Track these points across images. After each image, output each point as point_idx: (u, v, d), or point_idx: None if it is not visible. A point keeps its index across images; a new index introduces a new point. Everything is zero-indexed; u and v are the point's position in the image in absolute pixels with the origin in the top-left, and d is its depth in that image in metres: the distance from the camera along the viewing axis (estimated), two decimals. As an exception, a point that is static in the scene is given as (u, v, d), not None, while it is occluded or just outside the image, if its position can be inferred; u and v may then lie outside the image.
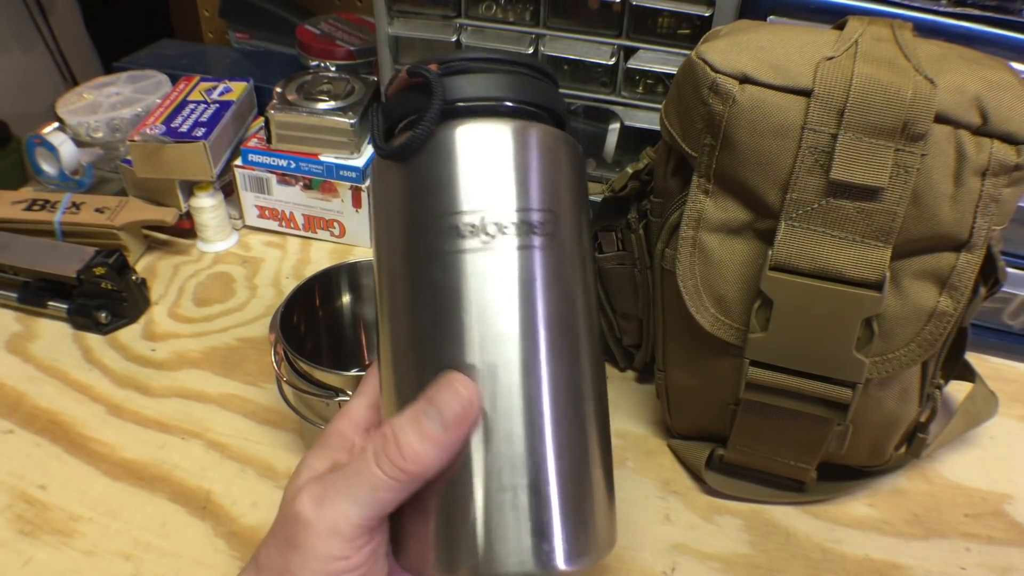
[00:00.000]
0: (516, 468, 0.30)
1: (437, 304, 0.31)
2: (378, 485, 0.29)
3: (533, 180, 0.32)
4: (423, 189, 0.32)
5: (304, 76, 0.76)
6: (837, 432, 0.46)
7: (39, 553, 0.47)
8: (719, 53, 0.41)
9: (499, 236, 0.31)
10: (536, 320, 0.31)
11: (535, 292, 0.31)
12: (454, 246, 0.31)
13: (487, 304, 0.31)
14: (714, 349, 0.46)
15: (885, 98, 0.38)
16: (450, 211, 0.31)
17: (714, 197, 0.44)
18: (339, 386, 0.47)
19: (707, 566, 0.48)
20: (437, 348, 0.31)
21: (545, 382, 0.31)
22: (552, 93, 0.36)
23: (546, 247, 0.32)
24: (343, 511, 0.29)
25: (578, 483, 0.32)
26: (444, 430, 0.29)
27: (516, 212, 0.32)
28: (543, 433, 0.31)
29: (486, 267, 0.31)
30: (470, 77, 0.33)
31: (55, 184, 0.78)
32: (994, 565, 0.48)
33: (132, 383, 0.60)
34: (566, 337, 0.32)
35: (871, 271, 0.40)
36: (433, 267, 0.31)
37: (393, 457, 0.29)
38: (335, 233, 0.76)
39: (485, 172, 0.32)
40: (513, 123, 0.33)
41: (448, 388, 0.30)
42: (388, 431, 0.30)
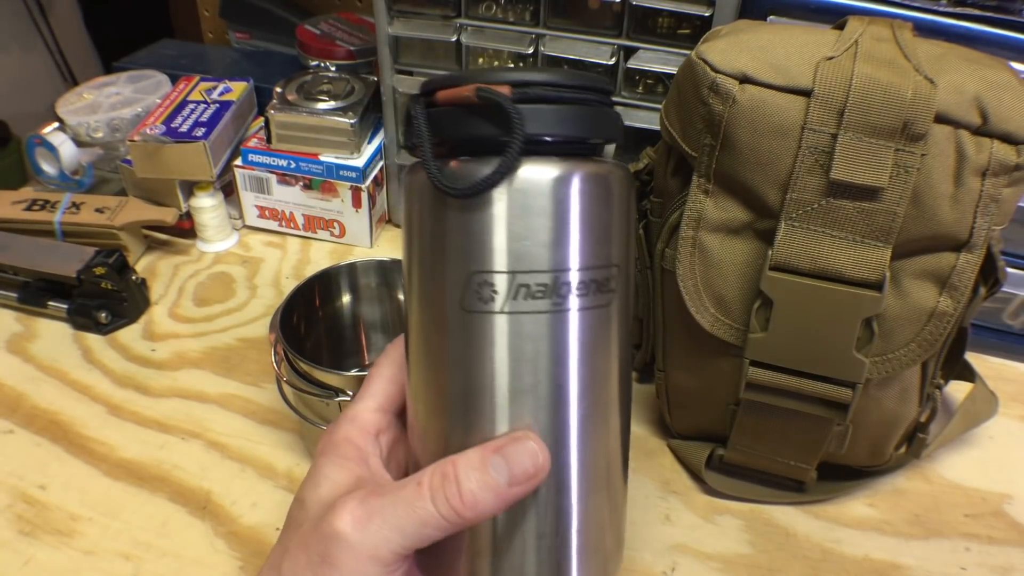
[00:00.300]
0: (542, 519, 0.31)
1: (501, 361, 0.30)
2: (428, 521, 0.29)
3: (609, 232, 0.30)
4: (488, 235, 0.29)
5: (304, 76, 0.76)
6: (837, 432, 0.46)
7: (39, 553, 0.47)
8: (719, 53, 0.41)
9: (570, 297, 0.30)
10: (598, 382, 0.31)
11: (599, 354, 0.31)
12: (522, 307, 0.29)
13: (552, 368, 0.30)
14: (714, 349, 0.46)
15: (885, 98, 0.38)
16: (521, 268, 0.29)
17: (714, 197, 0.44)
18: (339, 386, 0.47)
19: (707, 566, 0.48)
20: (497, 406, 0.30)
21: (603, 437, 0.32)
22: (615, 120, 0.33)
23: (611, 304, 0.31)
24: (386, 538, 0.29)
25: (597, 537, 0.33)
26: (509, 485, 0.29)
27: (589, 270, 0.30)
28: (569, 493, 0.32)
29: (554, 330, 0.30)
30: (555, 109, 0.30)
31: (55, 184, 0.78)
32: (994, 565, 0.48)
33: (132, 383, 0.60)
34: (623, 390, 0.33)
35: (871, 271, 0.40)
36: (495, 324, 0.29)
37: (452, 499, 0.29)
38: (335, 233, 0.76)
39: (562, 225, 0.29)
40: (592, 166, 0.30)
41: (523, 446, 0.30)
42: (450, 471, 0.30)
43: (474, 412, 0.31)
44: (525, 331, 0.29)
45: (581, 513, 0.32)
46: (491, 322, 0.29)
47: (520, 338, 0.30)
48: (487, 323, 0.30)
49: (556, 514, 0.31)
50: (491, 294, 0.29)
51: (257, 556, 0.47)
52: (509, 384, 0.30)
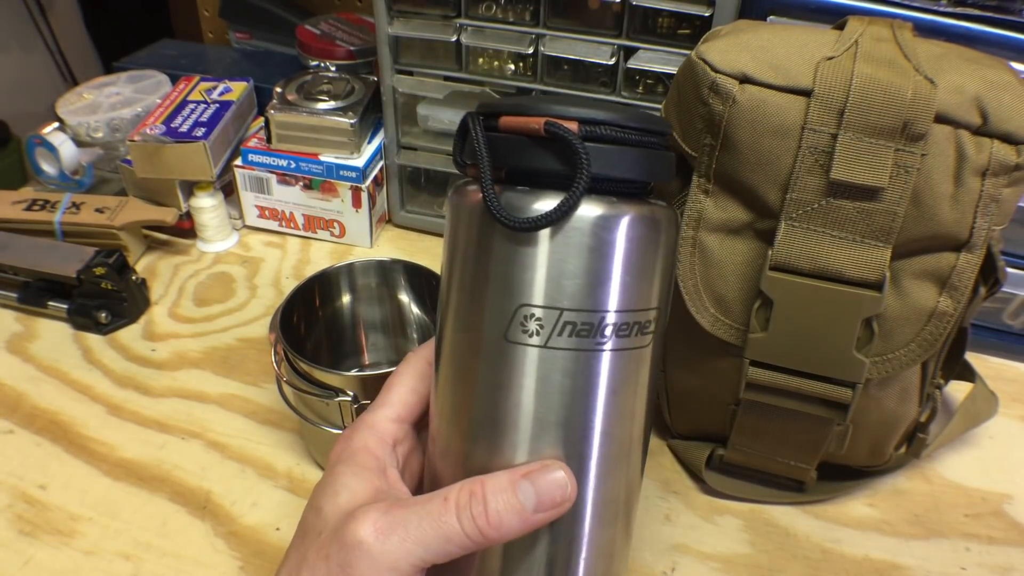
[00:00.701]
0: (554, 546, 0.32)
1: (540, 396, 0.30)
2: (452, 538, 0.29)
3: (654, 277, 0.31)
4: (544, 272, 0.29)
5: (304, 76, 0.76)
6: (837, 432, 0.46)
7: (39, 553, 0.47)
8: (719, 53, 0.41)
9: (612, 339, 0.30)
10: (627, 423, 0.32)
11: (633, 394, 0.32)
12: (563, 343, 0.30)
13: (587, 406, 0.31)
14: (714, 349, 0.46)
15: (885, 98, 0.38)
16: (567, 306, 0.29)
17: (714, 197, 0.44)
18: (339, 386, 0.47)
19: (707, 566, 0.48)
20: (531, 439, 0.31)
21: (626, 488, 0.33)
22: (672, 163, 0.33)
23: (649, 345, 0.31)
24: (408, 551, 0.29)
25: (605, 568, 0.33)
26: (535, 511, 0.30)
27: (631, 312, 0.30)
28: (583, 524, 0.32)
29: (590, 370, 0.30)
30: (620, 151, 0.30)
31: (55, 184, 0.78)
32: (994, 565, 0.48)
33: (132, 383, 0.60)
34: (647, 431, 0.34)
35: (871, 271, 0.40)
36: (538, 359, 0.30)
37: (478, 518, 0.29)
38: (335, 233, 0.76)
39: (609, 267, 0.29)
40: (646, 208, 0.30)
41: (553, 475, 0.30)
42: (479, 490, 0.30)
43: (501, 437, 0.31)
44: (563, 366, 0.30)
45: (592, 543, 0.32)
46: (532, 355, 0.30)
47: (557, 372, 0.30)
48: (527, 355, 0.30)
49: (568, 542, 0.32)
50: (536, 328, 0.30)
51: (257, 556, 0.47)
52: (539, 415, 0.31)
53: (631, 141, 0.30)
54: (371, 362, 0.61)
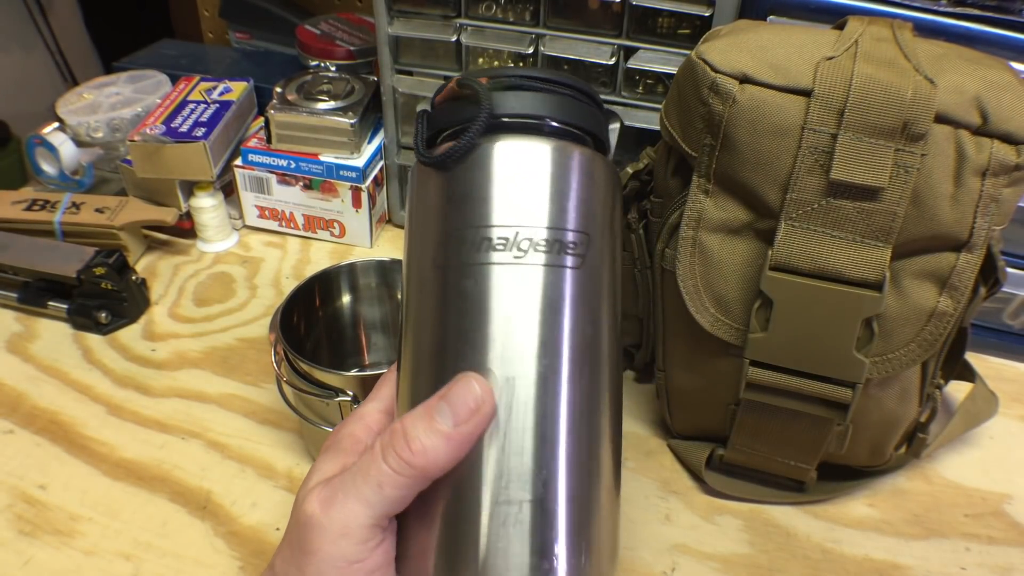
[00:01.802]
0: (524, 483, 0.30)
1: (463, 313, 0.31)
2: (384, 481, 0.29)
3: (570, 200, 0.33)
4: (460, 199, 0.32)
5: (304, 76, 0.76)
6: (837, 432, 0.46)
7: (39, 553, 0.47)
8: (719, 53, 0.41)
9: (531, 252, 0.31)
10: (559, 339, 0.31)
11: (561, 311, 0.32)
12: (485, 258, 0.31)
13: (512, 318, 0.31)
14: (714, 349, 0.46)
15: (885, 98, 0.38)
16: (484, 223, 0.32)
17: (714, 197, 0.44)
18: (339, 386, 0.47)
19: (707, 566, 0.48)
20: (459, 357, 0.31)
21: (563, 401, 0.31)
22: (597, 117, 0.36)
23: (576, 268, 0.32)
24: (352, 511, 0.29)
25: (585, 506, 0.31)
26: (455, 425, 0.29)
27: (550, 230, 0.32)
28: (555, 451, 0.31)
29: (515, 281, 0.31)
30: (518, 94, 0.34)
31: (55, 184, 0.78)
32: (994, 565, 0.48)
33: (132, 383, 0.60)
34: (587, 358, 0.32)
35: (871, 271, 0.40)
36: (462, 276, 0.32)
37: (400, 450, 0.29)
38: (335, 233, 0.76)
39: (522, 188, 0.32)
40: (554, 143, 0.33)
41: (463, 384, 0.30)
42: (398, 427, 0.30)
43: (436, 371, 0.31)
44: (488, 281, 0.31)
45: (568, 493, 0.31)
46: (454, 273, 0.32)
47: (477, 286, 0.31)
48: (450, 274, 0.32)
49: (534, 480, 0.30)
50: (456, 248, 0.32)
51: (257, 556, 0.47)
52: (469, 337, 0.31)
53: (538, 88, 0.34)
54: (371, 362, 0.61)
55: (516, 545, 0.30)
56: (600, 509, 0.32)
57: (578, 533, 0.31)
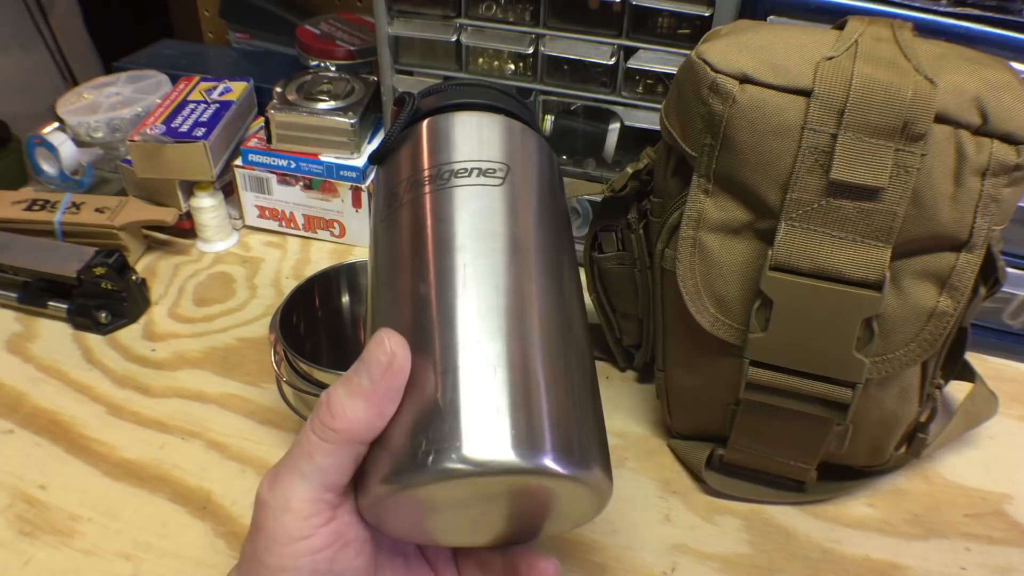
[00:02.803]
0: (500, 346, 0.30)
1: (428, 225, 0.34)
2: (313, 450, 0.29)
3: (485, 142, 0.38)
4: (394, 167, 0.39)
5: (304, 76, 0.76)
6: (837, 432, 0.46)
7: (39, 553, 0.47)
8: (719, 53, 0.42)
9: (455, 177, 0.36)
10: (520, 236, 0.34)
11: (519, 214, 0.35)
12: (416, 192, 0.36)
13: (476, 221, 0.34)
14: (714, 349, 0.46)
15: (885, 98, 0.38)
16: (414, 172, 0.37)
17: (714, 197, 0.44)
18: (339, 386, 0.47)
19: (707, 566, 0.48)
20: (426, 261, 0.33)
21: (533, 288, 0.33)
22: (510, 100, 0.42)
23: (500, 185, 0.36)
24: (290, 485, 0.29)
25: (566, 385, 0.31)
26: (371, 383, 0.29)
27: (470, 162, 0.36)
28: (531, 326, 0.31)
29: (443, 201, 0.35)
30: (440, 94, 0.40)
31: (55, 184, 0.78)
32: (994, 565, 0.48)
33: (132, 383, 0.60)
34: (547, 255, 0.35)
35: (871, 271, 0.40)
36: (400, 212, 0.36)
37: (323, 418, 0.29)
38: (335, 233, 0.76)
39: (442, 139, 0.38)
40: (467, 111, 0.39)
41: (375, 342, 0.30)
42: (323, 395, 0.30)
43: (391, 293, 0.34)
44: (417, 209, 0.35)
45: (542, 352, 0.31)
46: (395, 216, 0.36)
47: (412, 215, 0.35)
48: (393, 218, 0.36)
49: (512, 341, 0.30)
50: (394, 199, 0.37)
51: (257, 556, 0.47)
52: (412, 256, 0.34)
53: (449, 91, 0.41)
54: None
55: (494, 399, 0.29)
56: (584, 406, 0.31)
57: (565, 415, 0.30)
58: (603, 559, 0.48)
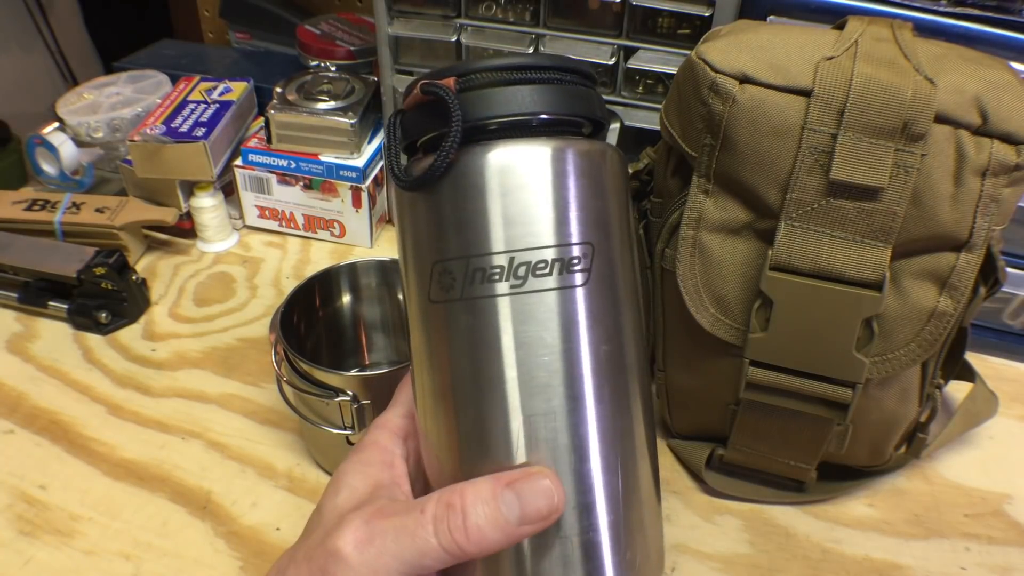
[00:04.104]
0: (567, 521, 0.29)
1: (472, 350, 0.29)
2: (428, 552, 0.28)
3: (567, 209, 0.29)
4: (446, 224, 0.29)
5: (304, 76, 0.76)
6: (837, 432, 0.46)
7: (39, 553, 0.47)
8: (719, 53, 0.41)
9: (529, 278, 0.29)
10: (577, 366, 0.29)
11: (574, 335, 0.29)
12: (481, 291, 0.29)
13: (526, 351, 0.29)
14: (714, 349, 0.46)
15: (885, 98, 0.38)
16: (476, 252, 0.29)
17: (714, 197, 0.44)
18: (339, 386, 0.47)
19: (707, 566, 0.48)
20: (471, 399, 0.30)
21: (591, 431, 0.30)
22: (588, 96, 0.32)
23: (583, 284, 0.29)
24: (385, 564, 0.28)
25: (628, 528, 0.31)
26: (519, 524, 0.28)
27: (547, 249, 0.29)
28: (591, 483, 0.30)
29: (518, 312, 0.29)
30: (493, 92, 0.29)
31: (55, 184, 0.78)
32: (994, 565, 0.48)
33: (132, 383, 0.60)
34: (613, 379, 0.30)
35: (871, 271, 0.40)
36: (461, 311, 0.29)
37: (456, 532, 0.28)
38: (335, 233, 0.76)
39: (510, 204, 0.29)
40: (546, 143, 0.29)
41: (538, 484, 0.29)
42: (457, 502, 0.29)
43: (456, 412, 0.30)
44: (486, 316, 0.29)
45: (611, 523, 0.30)
46: (453, 310, 0.29)
47: (480, 322, 0.29)
48: (450, 312, 0.29)
49: (577, 516, 0.30)
50: (450, 282, 0.29)
51: (257, 556, 0.47)
52: (483, 374, 0.29)
53: (514, 80, 0.29)
54: (371, 362, 0.61)
55: (559, 571, 0.29)
56: (644, 528, 0.32)
57: (624, 556, 0.30)
58: None
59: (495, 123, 0.30)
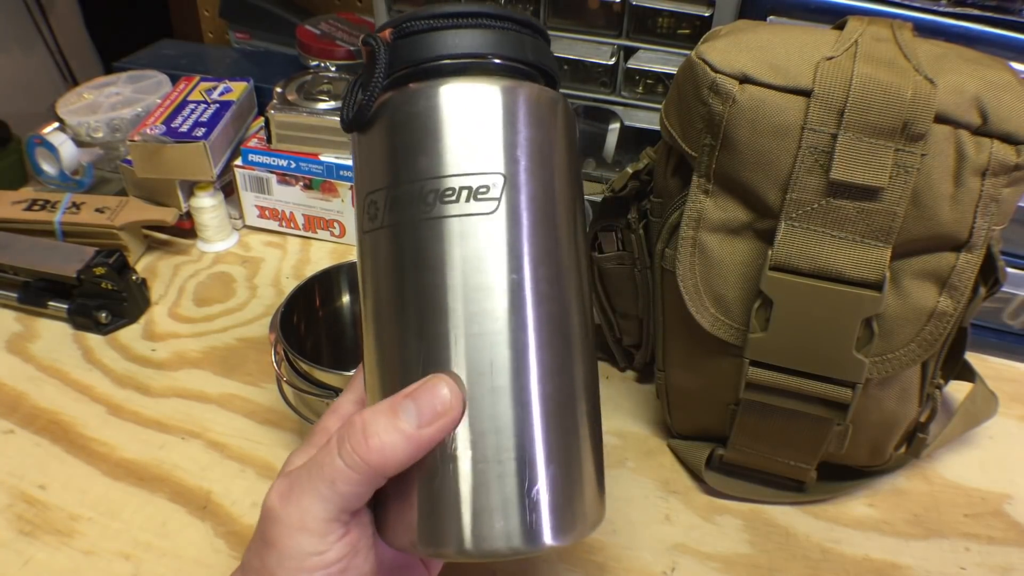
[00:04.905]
0: (503, 440, 0.30)
1: (393, 274, 0.31)
2: (338, 477, 0.28)
3: (457, 142, 0.31)
4: (374, 159, 0.32)
5: (304, 76, 0.76)
6: (837, 432, 0.46)
7: (39, 553, 0.47)
8: (719, 53, 0.41)
9: (441, 203, 0.30)
10: (522, 284, 0.30)
11: (520, 253, 0.30)
12: (397, 215, 0.31)
13: (466, 269, 0.30)
14: (714, 349, 0.46)
15: (885, 98, 0.38)
16: (393, 181, 0.31)
17: (714, 197, 0.44)
18: (339, 386, 0.47)
19: (707, 566, 0.48)
20: (396, 319, 0.31)
21: (532, 349, 0.30)
22: (521, 39, 0.33)
23: (485, 214, 0.30)
24: (307, 506, 0.29)
25: (566, 455, 0.31)
26: (418, 427, 0.28)
27: (460, 176, 0.30)
28: (530, 404, 0.30)
29: (429, 237, 0.30)
30: (420, 37, 0.32)
31: (55, 184, 0.78)
32: (994, 565, 0.48)
33: (132, 383, 0.60)
34: (553, 296, 0.31)
35: (871, 271, 0.40)
36: (380, 236, 0.32)
37: (357, 446, 0.28)
38: (335, 233, 0.76)
39: (427, 132, 0.31)
40: (460, 79, 0.31)
41: (432, 386, 0.29)
42: (357, 420, 0.29)
43: (396, 340, 0.31)
44: (400, 241, 0.31)
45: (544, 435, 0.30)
46: (376, 238, 0.32)
47: (396, 247, 0.31)
48: (375, 240, 0.32)
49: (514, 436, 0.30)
50: (375, 212, 0.32)
51: (257, 556, 0.47)
52: (425, 296, 0.30)
53: (445, 26, 0.32)
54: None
55: (501, 503, 0.30)
56: (582, 459, 0.32)
57: (563, 485, 0.31)
58: (603, 559, 0.48)
59: (419, 68, 0.32)
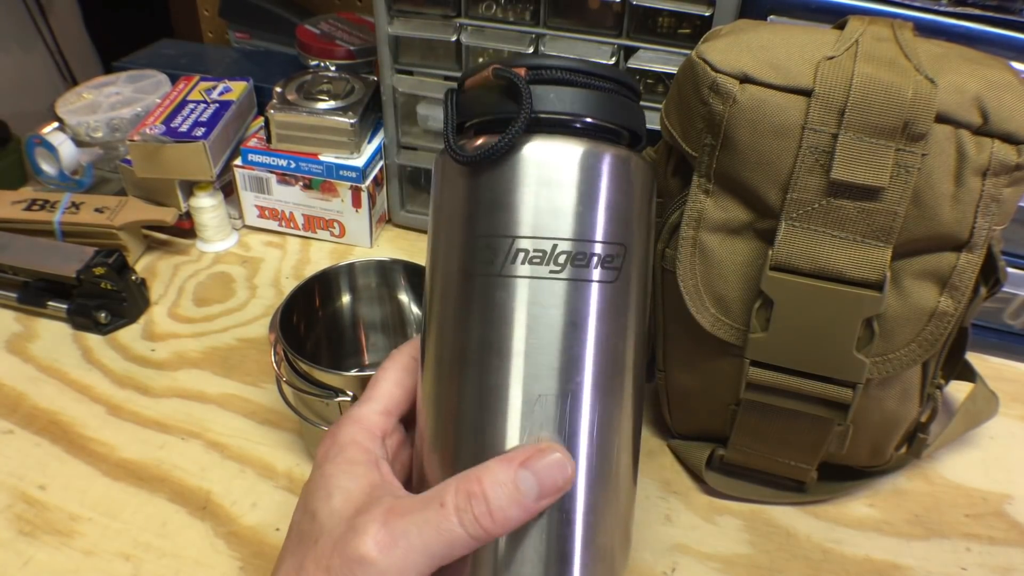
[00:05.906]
0: (548, 517, 0.31)
1: (489, 323, 0.31)
2: (455, 542, 0.29)
3: (603, 210, 0.31)
4: (490, 203, 0.31)
5: (304, 76, 0.76)
6: (837, 432, 0.46)
7: (39, 553, 0.47)
8: (719, 53, 0.41)
9: (567, 267, 0.31)
10: (584, 356, 0.31)
11: (587, 327, 0.31)
12: (514, 270, 0.31)
13: (545, 333, 0.31)
14: (714, 349, 0.46)
15: (886, 98, 0.38)
16: (513, 233, 0.31)
17: (714, 197, 0.44)
18: (339, 386, 0.47)
19: (707, 566, 0.48)
20: (483, 369, 0.31)
21: (585, 418, 0.32)
22: (635, 112, 0.35)
23: (611, 282, 0.32)
24: (413, 562, 0.29)
25: (603, 519, 0.33)
26: (538, 500, 0.29)
27: (583, 242, 0.31)
28: (577, 471, 0.31)
29: (544, 295, 0.31)
30: (559, 90, 0.32)
31: (55, 184, 0.78)
32: (994, 565, 0.48)
33: (132, 383, 0.60)
34: (612, 374, 0.32)
35: (871, 271, 0.40)
36: (491, 287, 0.31)
37: (482, 519, 0.29)
38: (335, 233, 0.76)
39: (554, 196, 0.31)
40: (590, 144, 0.32)
41: (551, 459, 0.30)
42: (476, 489, 0.29)
43: (461, 382, 0.32)
44: (516, 294, 0.31)
45: (588, 506, 0.32)
46: (489, 284, 0.31)
47: (510, 299, 0.31)
48: (486, 285, 0.31)
49: (561, 510, 0.31)
50: (490, 257, 0.31)
51: (257, 556, 0.47)
52: (492, 348, 0.31)
53: (580, 83, 0.32)
54: (371, 362, 0.61)
55: (533, 552, 0.31)
56: (618, 522, 0.34)
57: (595, 541, 0.32)
58: None
59: (554, 118, 0.32)
